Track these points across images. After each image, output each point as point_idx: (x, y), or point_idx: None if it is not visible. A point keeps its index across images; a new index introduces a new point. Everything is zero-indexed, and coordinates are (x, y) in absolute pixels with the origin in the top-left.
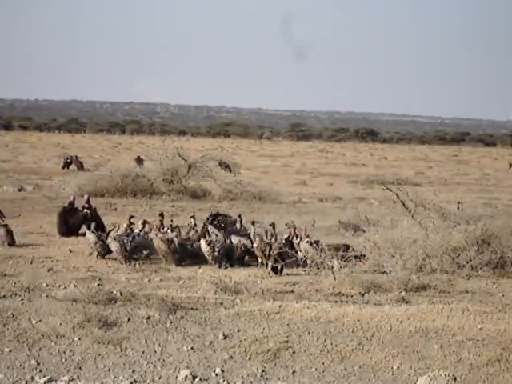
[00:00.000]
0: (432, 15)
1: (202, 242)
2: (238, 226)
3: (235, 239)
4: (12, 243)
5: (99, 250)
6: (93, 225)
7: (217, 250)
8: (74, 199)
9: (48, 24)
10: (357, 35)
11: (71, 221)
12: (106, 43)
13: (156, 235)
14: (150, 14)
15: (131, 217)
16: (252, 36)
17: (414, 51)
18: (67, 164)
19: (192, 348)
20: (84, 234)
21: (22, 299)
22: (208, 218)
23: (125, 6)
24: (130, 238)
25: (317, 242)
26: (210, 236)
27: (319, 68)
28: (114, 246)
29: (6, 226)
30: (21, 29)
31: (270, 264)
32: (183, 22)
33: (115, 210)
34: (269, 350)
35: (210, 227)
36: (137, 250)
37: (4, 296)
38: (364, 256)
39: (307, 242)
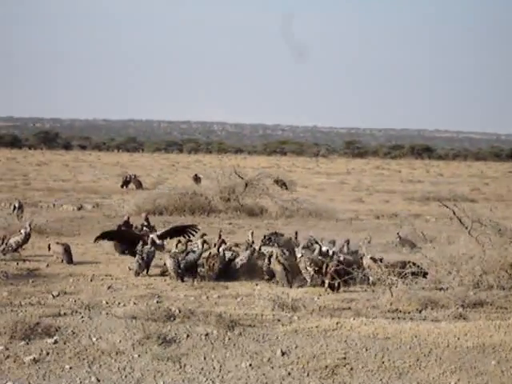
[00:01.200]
0: (488, 33)
1: (273, 261)
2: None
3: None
4: (70, 261)
5: (135, 269)
6: (140, 243)
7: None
8: (129, 218)
9: (104, 44)
10: (410, 54)
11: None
12: (163, 63)
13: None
14: (206, 35)
15: (203, 234)
16: (307, 56)
17: (469, 68)
18: (126, 183)
19: (250, 365)
20: None
21: (82, 317)
22: (264, 237)
23: (182, 27)
24: (184, 255)
25: (381, 259)
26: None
27: (373, 86)
28: (168, 263)
29: (64, 244)
30: (78, 50)
31: (327, 281)
32: (239, 42)
33: None
34: (326, 367)
35: (263, 248)
36: (192, 268)
37: (65, 314)
38: (426, 274)
39: (370, 258)
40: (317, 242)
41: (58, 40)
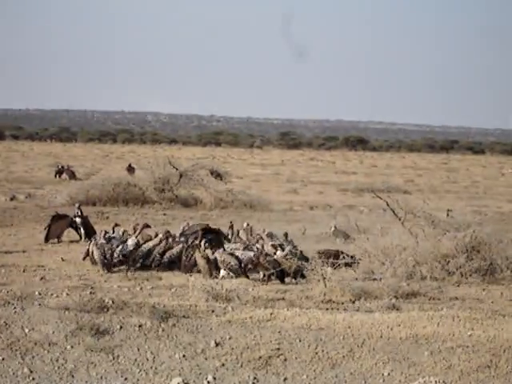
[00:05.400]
0: (422, 25)
1: (197, 254)
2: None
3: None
4: None
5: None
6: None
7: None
8: (80, 207)
9: (39, 33)
10: (345, 45)
11: (52, 226)
12: (96, 52)
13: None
14: (141, 24)
15: (116, 225)
16: (241, 45)
17: (402, 60)
18: (59, 173)
19: (184, 355)
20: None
21: (14, 308)
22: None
23: (116, 16)
24: (110, 246)
25: (281, 246)
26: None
27: (308, 77)
28: (95, 253)
29: None
30: (12, 38)
31: (260, 272)
32: (173, 31)
33: (107, 218)
34: (260, 358)
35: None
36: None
37: None
38: (354, 258)
39: (271, 245)
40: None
41: None
